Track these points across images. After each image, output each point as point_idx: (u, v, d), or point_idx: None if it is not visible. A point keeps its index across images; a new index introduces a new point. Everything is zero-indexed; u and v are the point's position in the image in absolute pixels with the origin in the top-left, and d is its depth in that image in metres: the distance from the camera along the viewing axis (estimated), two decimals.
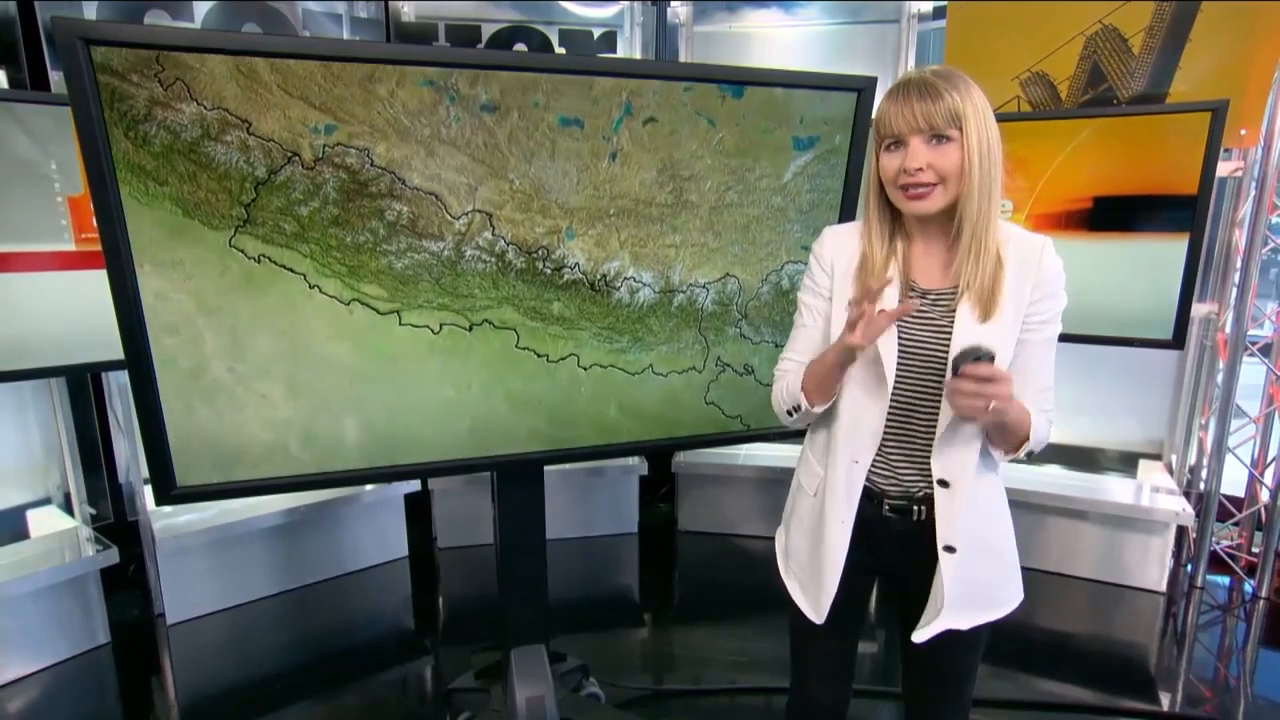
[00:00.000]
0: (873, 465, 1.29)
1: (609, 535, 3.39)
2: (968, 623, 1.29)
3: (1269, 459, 3.04)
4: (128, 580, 2.67)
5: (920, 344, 1.23)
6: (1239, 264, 2.95)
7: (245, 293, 1.53)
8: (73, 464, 2.50)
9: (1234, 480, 3.07)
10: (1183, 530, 3.06)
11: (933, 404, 1.24)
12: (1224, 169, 2.85)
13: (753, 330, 1.97)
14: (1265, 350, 3.01)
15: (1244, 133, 2.81)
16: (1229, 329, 2.94)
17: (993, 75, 3.11)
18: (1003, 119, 1.20)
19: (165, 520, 2.58)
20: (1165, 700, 2.38)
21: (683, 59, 3.27)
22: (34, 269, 2.16)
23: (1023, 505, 2.98)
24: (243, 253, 1.51)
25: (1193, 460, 3.24)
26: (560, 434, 1.88)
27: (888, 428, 1.27)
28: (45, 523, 2.51)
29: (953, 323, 1.21)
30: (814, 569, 1.36)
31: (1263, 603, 2.94)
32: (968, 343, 1.11)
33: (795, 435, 1.53)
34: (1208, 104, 2.52)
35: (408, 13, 2.94)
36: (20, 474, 2.53)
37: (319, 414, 1.67)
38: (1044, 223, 2.81)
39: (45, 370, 2.24)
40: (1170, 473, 3.22)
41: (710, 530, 3.42)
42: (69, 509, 2.57)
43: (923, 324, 1.24)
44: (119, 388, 2.60)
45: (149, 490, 2.26)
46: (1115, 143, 2.67)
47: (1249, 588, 3.02)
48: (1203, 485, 3.10)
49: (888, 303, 1.23)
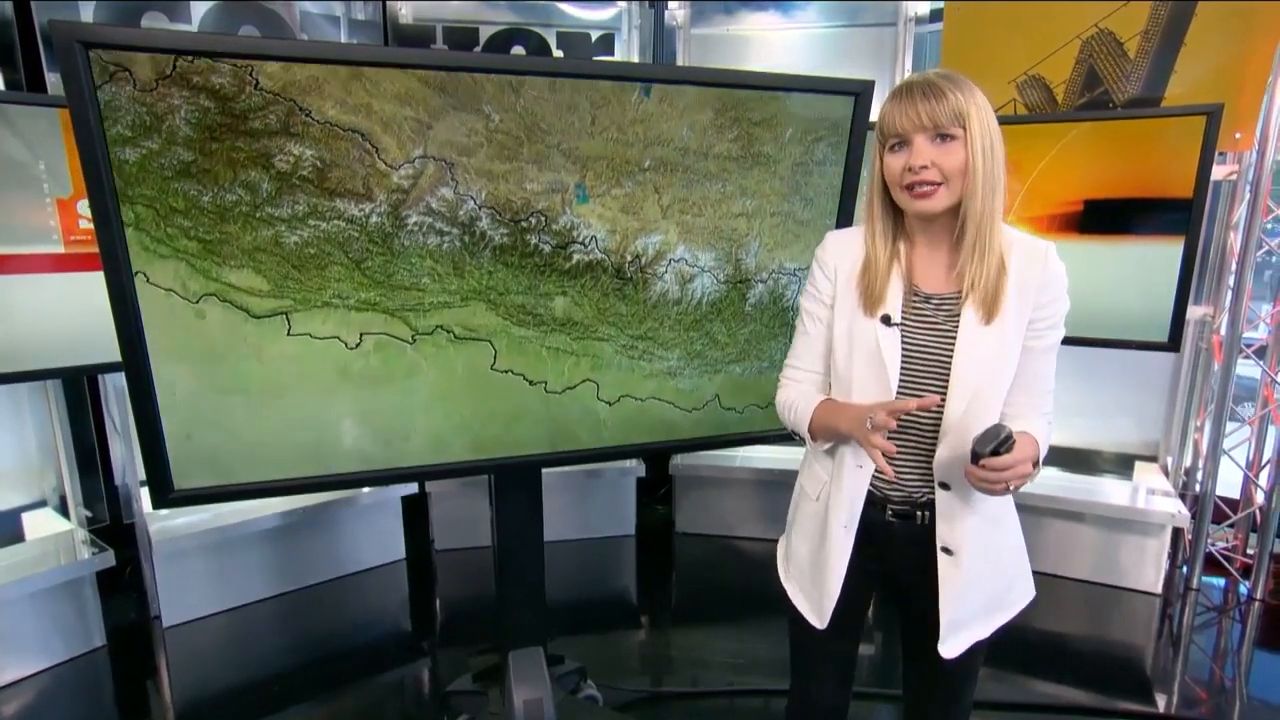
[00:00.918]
0: (876, 470, 1.28)
1: (607, 537, 3.38)
2: (989, 629, 1.31)
3: (1264, 461, 3.05)
4: (124, 583, 2.66)
5: (924, 349, 1.23)
6: (1234, 267, 2.96)
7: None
8: (68, 466, 2.49)
9: (1229, 482, 3.08)
10: (1178, 532, 3.06)
11: (934, 411, 1.23)
12: (1219, 172, 2.86)
13: None
14: (1260, 352, 3.02)
15: (1239, 136, 2.82)
16: (1224, 331, 2.95)
17: (989, 78, 3.11)
18: (999, 122, 1.21)
19: (161, 523, 2.57)
20: (1161, 702, 2.39)
21: (680, 62, 3.27)
22: (24, 271, 2.15)
23: (1020, 507, 2.94)
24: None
25: (1188, 462, 3.24)
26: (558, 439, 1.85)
27: (903, 429, 1.26)
28: (41, 525, 2.50)
29: (957, 326, 1.21)
30: (816, 574, 1.36)
31: (1258, 604, 2.95)
32: (994, 429, 1.10)
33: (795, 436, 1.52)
34: (1203, 108, 2.53)
35: (405, 14, 2.94)
36: (15, 476, 2.52)
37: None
38: (1035, 225, 2.81)
39: (41, 373, 2.24)
40: (1166, 475, 3.23)
41: (708, 532, 3.42)
42: (65, 512, 2.56)
43: (926, 328, 1.23)
44: (115, 390, 2.59)
45: (145, 492, 2.25)
46: (1110, 146, 2.68)
47: (1244, 589, 3.03)
48: (1198, 487, 3.11)
49: (891, 307, 1.23)
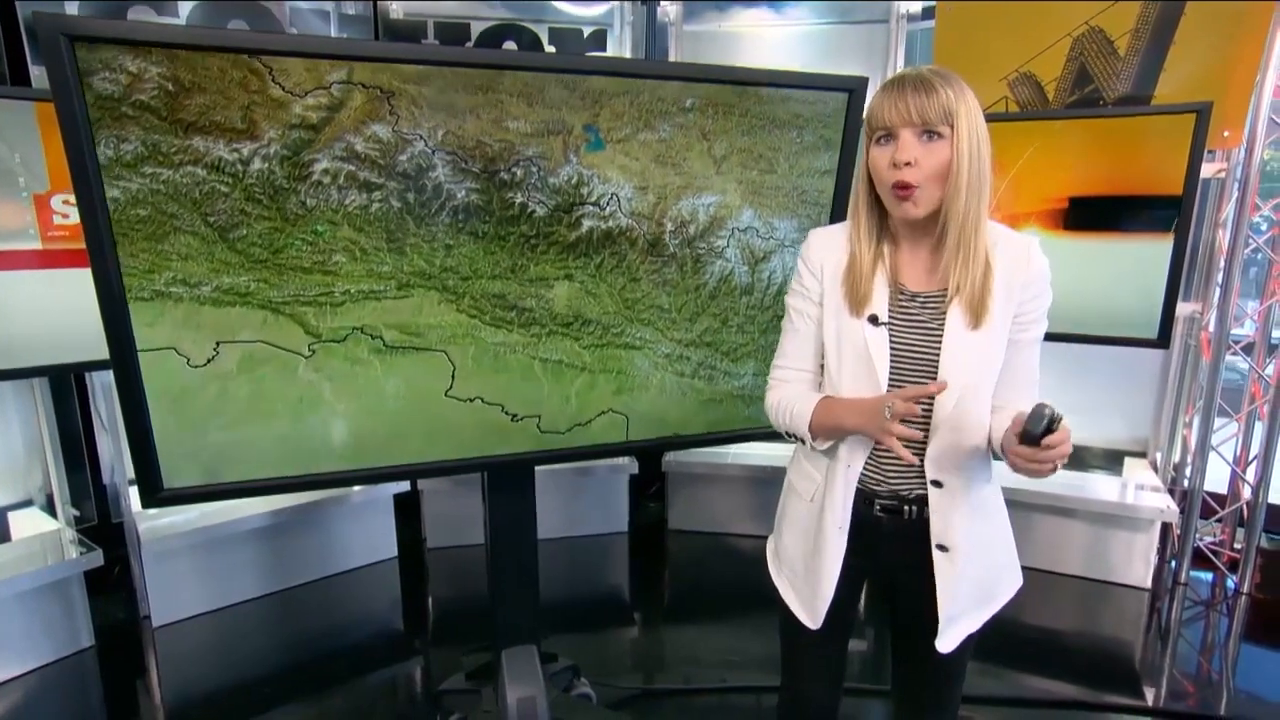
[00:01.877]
0: (864, 468, 1.29)
1: (599, 535, 3.38)
2: (979, 621, 1.32)
3: (1251, 456, 3.07)
4: (112, 583, 2.63)
5: (911, 348, 1.23)
6: (1222, 264, 2.97)
7: None
8: (55, 465, 2.47)
9: (1217, 477, 3.10)
10: (1167, 527, 3.08)
11: (923, 407, 1.23)
12: (1207, 170, 2.87)
13: None
14: (1248, 349, 3.04)
15: (1227, 134, 2.83)
16: (1213, 328, 2.97)
17: (981, 75, 3.12)
18: (990, 119, 1.20)
19: (150, 522, 2.55)
20: (1149, 695, 2.40)
21: (672, 58, 3.27)
22: (3, 268, 2.12)
23: (1009, 503, 2.91)
24: None
25: (1177, 458, 3.27)
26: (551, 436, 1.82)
27: None
28: (27, 525, 2.47)
29: (943, 325, 1.20)
30: (810, 575, 1.35)
31: (1245, 598, 2.97)
32: (1038, 409, 1.05)
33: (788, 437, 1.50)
34: (1192, 106, 2.54)
35: (396, 10, 2.92)
36: (1, 475, 2.50)
37: None
38: (1022, 221, 2.82)
39: (27, 370, 2.21)
40: (1155, 470, 3.25)
41: (701, 529, 3.42)
42: (52, 511, 2.53)
43: (913, 327, 1.23)
44: (103, 387, 2.57)
45: (134, 491, 2.23)
46: (1100, 144, 2.69)
47: (1231, 583, 3.05)
48: (1186, 483, 3.13)
49: (877, 304, 1.23)
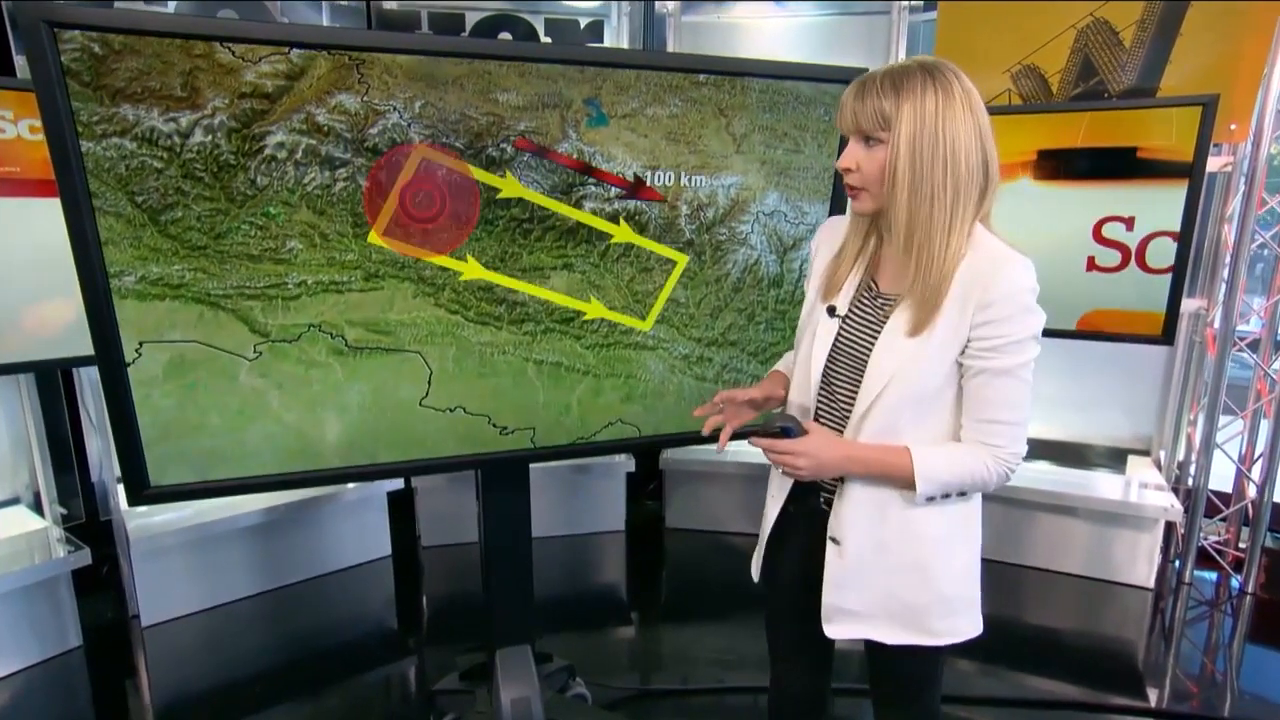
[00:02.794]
0: None
1: (596, 533, 3.36)
2: (889, 637, 1.27)
3: (1256, 455, 3.06)
4: (101, 582, 2.62)
5: (853, 344, 1.24)
6: (1227, 259, 2.96)
7: None
8: (42, 462, 2.45)
9: (1222, 476, 3.09)
10: (1171, 526, 3.07)
11: (846, 402, 1.25)
12: (1213, 164, 2.85)
13: None
14: (1254, 346, 3.03)
15: (1234, 127, 2.81)
16: (1218, 324, 2.96)
17: (983, 68, 3.10)
18: (992, 112, 1.17)
19: (140, 520, 2.53)
20: (1153, 696, 2.39)
21: (670, 50, 3.24)
22: None
23: (1011, 502, 2.98)
24: None
25: (1181, 456, 3.25)
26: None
27: (822, 418, 1.29)
28: (14, 523, 2.45)
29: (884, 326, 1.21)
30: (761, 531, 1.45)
31: (1249, 598, 2.96)
32: (784, 417, 1.21)
33: None
34: (1198, 98, 2.52)
35: (389, 1, 2.90)
36: None
37: None
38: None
39: (12, 366, 2.19)
40: (1159, 469, 3.23)
41: (699, 528, 3.40)
42: (39, 509, 2.52)
43: (865, 325, 1.24)
44: (91, 385, 2.55)
45: (122, 489, 2.21)
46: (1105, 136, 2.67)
47: (1236, 583, 3.04)
48: (1191, 481, 3.12)
49: (842, 297, 1.26)
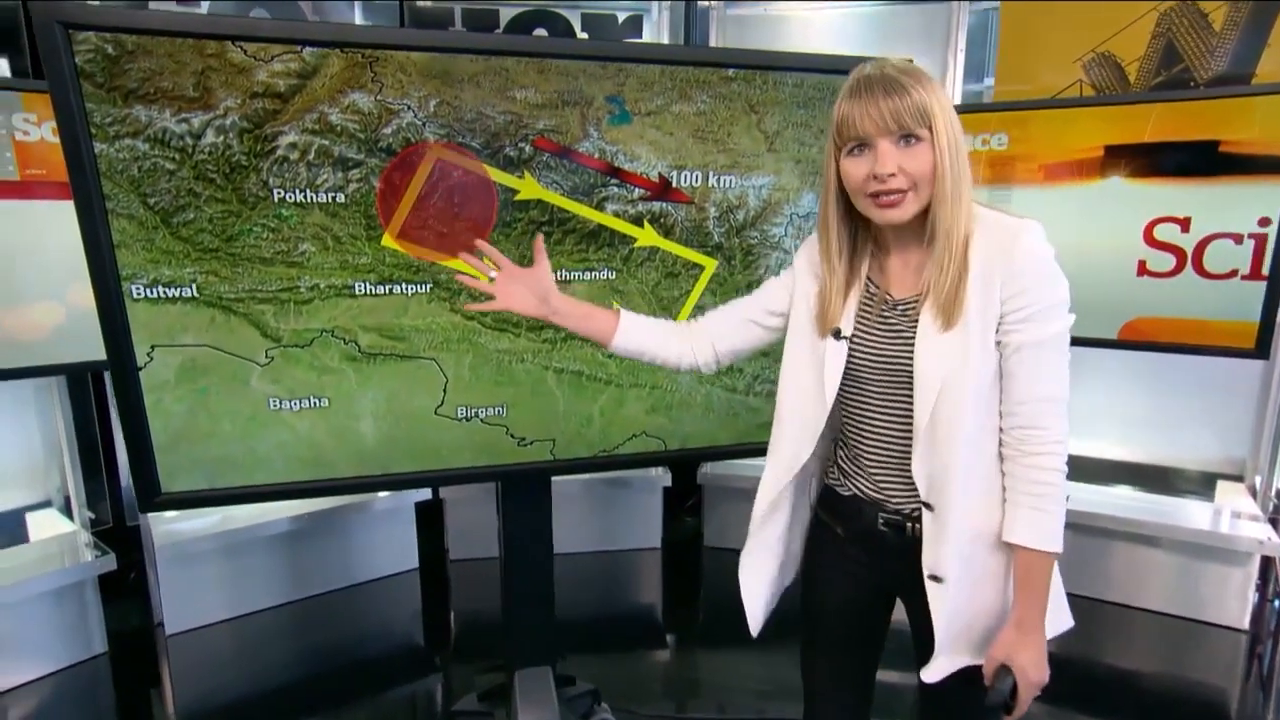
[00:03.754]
0: (859, 479, 1.30)
1: (630, 549, 3.34)
2: (977, 659, 1.26)
3: None
4: (128, 588, 2.71)
5: (884, 357, 1.21)
6: None
7: None
8: (72, 466, 2.55)
9: None
10: (1268, 561, 2.89)
11: (905, 417, 1.21)
12: None
13: None
14: None
15: None
16: None
17: (1051, 57, 3.00)
18: (1061, 104, 1.15)
19: (166, 526, 2.61)
20: None
21: (713, 44, 3.23)
22: None
23: (1084, 529, 2.85)
24: None
25: (1279, 483, 3.07)
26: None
27: (861, 441, 1.27)
28: (45, 526, 2.56)
29: (915, 330, 1.18)
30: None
31: None
32: (999, 680, 1.19)
33: None
34: None
35: None
36: (20, 475, 2.59)
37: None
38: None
39: (46, 368, 2.29)
40: (1253, 496, 3.05)
41: (739, 547, 3.34)
42: (69, 512, 2.62)
43: (889, 336, 1.21)
44: None
45: None
46: (1190, 131, 2.54)
47: None
48: None
49: (845, 318, 1.23)
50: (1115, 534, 2.89)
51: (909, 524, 1.25)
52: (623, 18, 3.08)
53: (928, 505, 1.20)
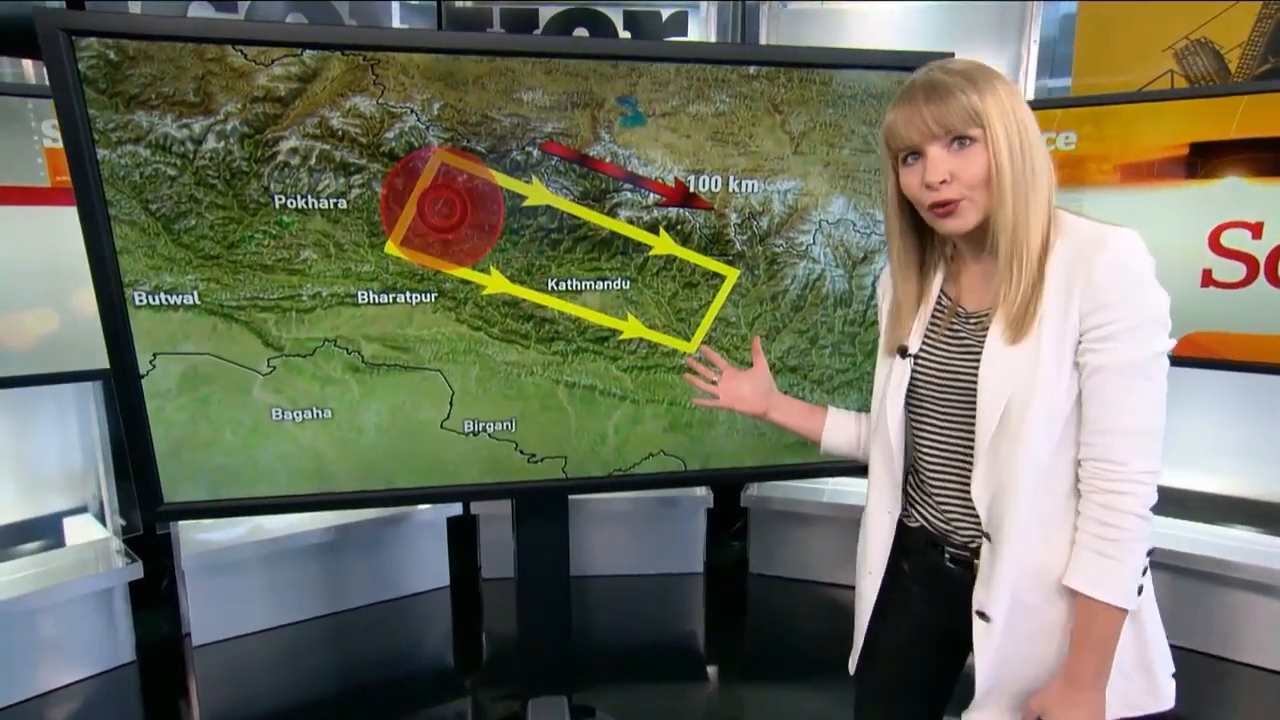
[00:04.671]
0: (926, 507, 1.25)
1: (669, 574, 3.29)
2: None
3: None
4: (160, 597, 2.80)
5: (951, 373, 1.18)
6: None
7: None
8: (105, 471, 2.66)
9: None
10: None
11: (966, 437, 1.16)
12: None
13: None
14: None
15: None
16: None
17: (1140, 46, 2.84)
18: (1147, 98, 1.07)
19: (196, 535, 2.69)
20: None
21: (764, 42, 3.17)
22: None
23: (1182, 572, 2.64)
24: None
25: None
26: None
27: (926, 464, 1.24)
28: (78, 532, 2.67)
29: (983, 344, 1.13)
30: (856, 617, 1.37)
31: None
32: None
33: None
34: None
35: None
36: (59, 480, 2.71)
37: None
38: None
39: (83, 374, 2.39)
40: None
41: (786, 575, 3.26)
42: (104, 518, 2.73)
43: (959, 351, 1.18)
44: None
45: None
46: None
47: None
48: None
49: (913, 335, 1.22)
50: (1224, 579, 2.65)
51: (975, 561, 1.19)
52: (667, 15, 3.06)
53: (987, 536, 1.15)
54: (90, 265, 1.42)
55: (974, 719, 1.21)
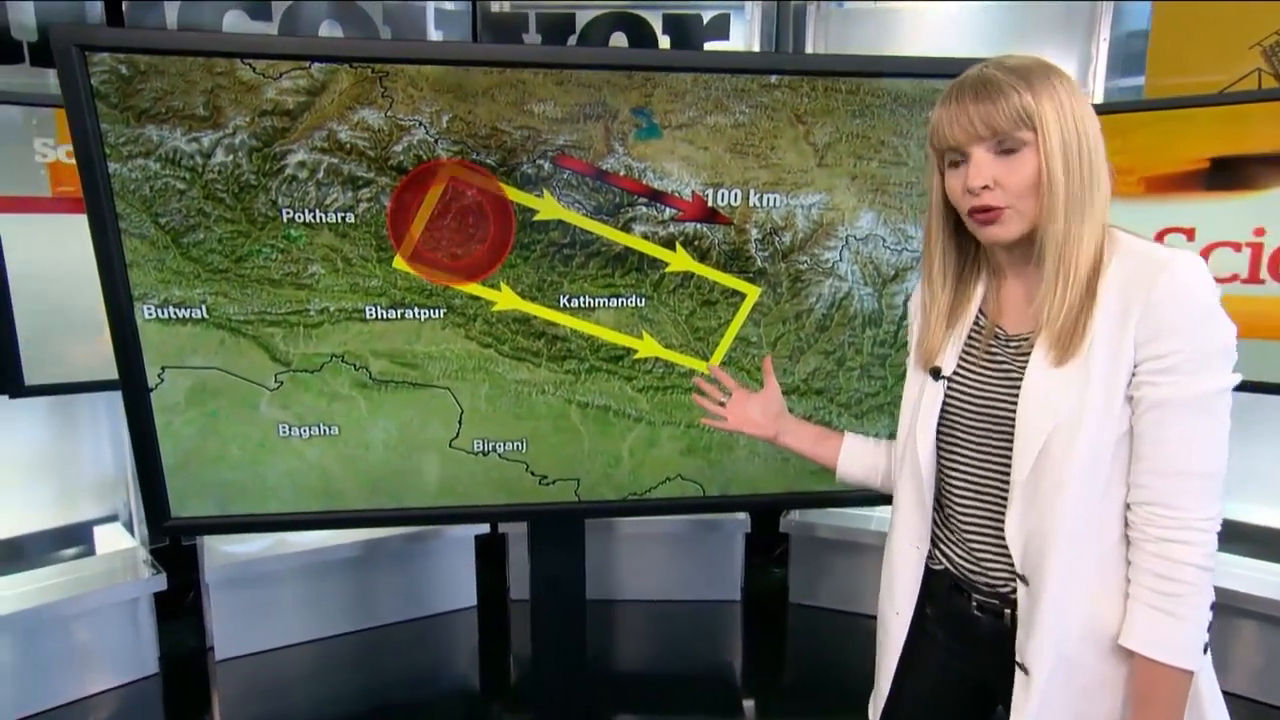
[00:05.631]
0: (953, 546, 1.21)
1: (704, 600, 3.25)
2: None
3: None
4: (186, 609, 2.88)
5: (986, 396, 1.13)
6: None
7: None
8: (133, 481, 2.75)
9: None
10: None
11: (1001, 471, 1.11)
12: None
13: None
14: None
15: None
16: None
17: (1220, 43, 2.71)
18: (1229, 100, 1.02)
19: (220, 547, 2.76)
20: None
21: (810, 46, 3.13)
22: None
23: (1241, 614, 2.50)
24: None
25: None
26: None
27: (956, 499, 1.19)
28: (107, 540, 2.76)
29: (1025, 368, 1.08)
30: (877, 666, 1.33)
31: None
32: None
33: None
34: None
35: (497, 5, 3.03)
36: (92, 488, 2.82)
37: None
38: None
39: (106, 384, 2.48)
40: None
41: (827, 606, 3.20)
42: (132, 528, 2.82)
43: (995, 372, 1.13)
44: None
45: None
46: None
47: None
48: None
49: (947, 355, 1.18)
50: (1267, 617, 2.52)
51: (1006, 609, 1.15)
52: (709, 17, 3.04)
53: (1023, 579, 1.10)
54: (100, 278, 1.47)
55: None
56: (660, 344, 1.57)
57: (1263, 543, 2.71)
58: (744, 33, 3.11)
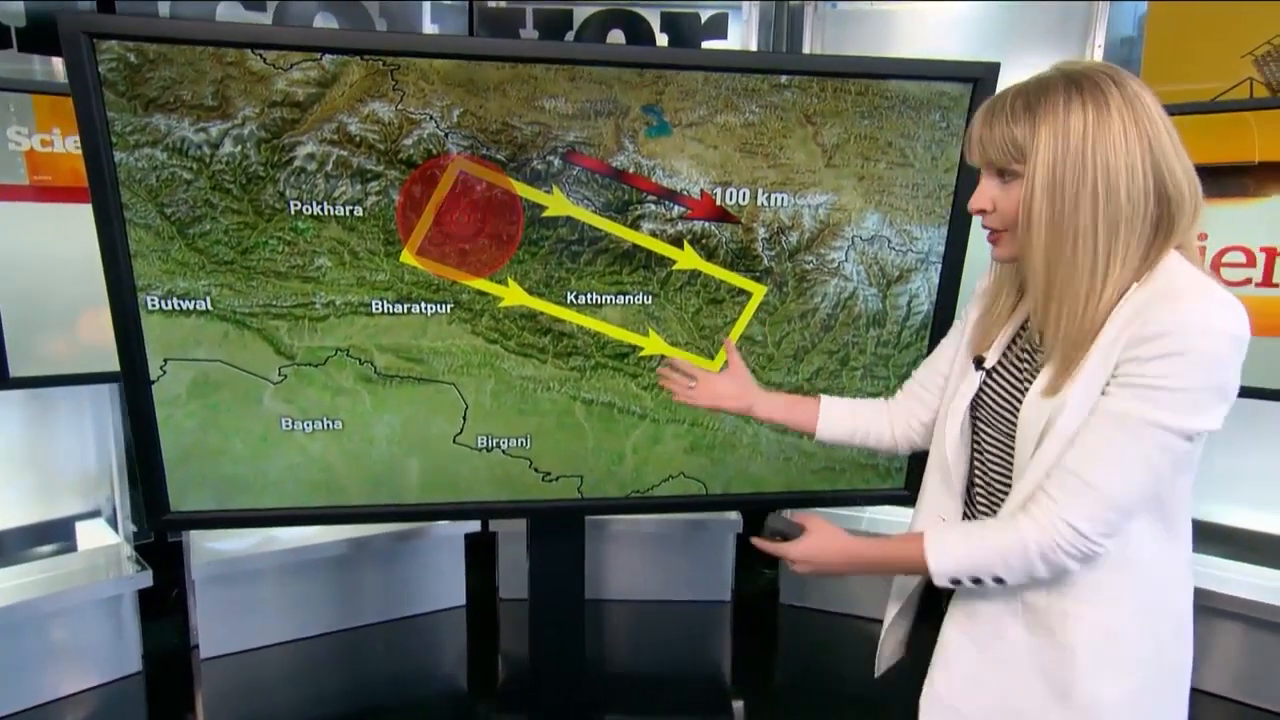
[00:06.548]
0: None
1: (694, 601, 3.28)
2: None
3: None
4: (170, 606, 2.87)
5: (1001, 403, 1.18)
6: None
7: None
8: (119, 476, 2.74)
9: None
10: None
11: (1006, 472, 1.16)
12: None
13: None
14: None
15: None
16: None
17: (1213, 53, 2.78)
18: (1217, 109, 1.04)
19: (207, 544, 2.75)
20: None
21: (808, 46, 3.17)
22: None
23: (1267, 625, 2.58)
24: None
25: None
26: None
27: (976, 489, 1.23)
28: (90, 536, 2.75)
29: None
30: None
31: None
32: (777, 521, 1.22)
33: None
34: None
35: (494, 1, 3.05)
36: (74, 483, 2.80)
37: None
38: None
39: (94, 376, 2.47)
40: None
41: (822, 608, 3.24)
42: (116, 524, 2.81)
43: (1016, 376, 1.17)
44: None
45: None
46: None
47: None
48: None
49: (993, 349, 1.20)
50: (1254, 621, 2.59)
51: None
52: (706, 16, 3.07)
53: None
54: (104, 269, 1.48)
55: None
56: (666, 342, 1.60)
57: (1246, 545, 2.78)
58: (741, 32, 3.15)
